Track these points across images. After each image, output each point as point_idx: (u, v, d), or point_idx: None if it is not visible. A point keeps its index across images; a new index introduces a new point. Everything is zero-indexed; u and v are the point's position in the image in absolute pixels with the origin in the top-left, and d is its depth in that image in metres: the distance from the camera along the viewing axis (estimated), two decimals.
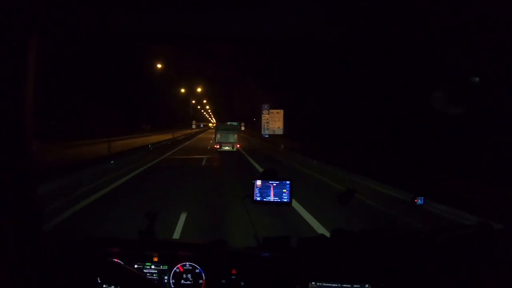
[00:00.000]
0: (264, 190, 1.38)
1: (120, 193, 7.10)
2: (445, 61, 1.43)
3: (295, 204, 5.44)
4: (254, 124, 37.30)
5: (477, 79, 1.50)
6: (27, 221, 1.14)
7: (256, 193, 1.38)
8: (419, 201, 1.63)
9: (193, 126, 36.55)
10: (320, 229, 4.62)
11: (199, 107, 66.69)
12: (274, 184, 1.38)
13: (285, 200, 1.37)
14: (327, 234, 1.53)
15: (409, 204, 1.67)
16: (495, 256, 1.38)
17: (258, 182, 1.38)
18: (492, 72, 1.38)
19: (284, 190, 1.37)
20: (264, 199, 1.38)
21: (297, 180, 1.49)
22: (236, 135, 20.49)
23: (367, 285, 1.22)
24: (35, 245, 1.16)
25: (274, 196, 1.37)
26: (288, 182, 1.38)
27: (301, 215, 5.25)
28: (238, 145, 20.46)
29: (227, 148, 19.96)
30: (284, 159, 15.05)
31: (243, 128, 34.79)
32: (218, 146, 20.05)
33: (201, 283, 1.30)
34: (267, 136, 20.62)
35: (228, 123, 24.18)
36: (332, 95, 15.11)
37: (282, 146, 19.77)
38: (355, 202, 1.56)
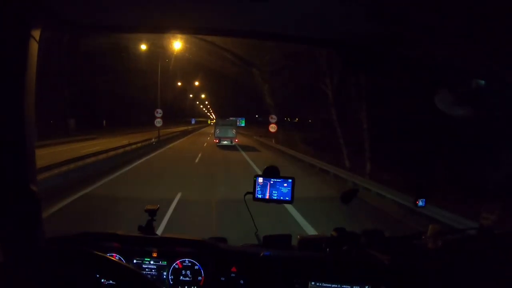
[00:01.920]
0: (266, 187, 1.36)
1: None
2: (451, 61, 1.42)
3: None
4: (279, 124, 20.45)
5: (483, 81, 1.48)
6: (27, 213, 1.14)
7: (258, 190, 1.36)
8: (420, 202, 1.62)
9: (158, 123, 17.85)
10: None
11: (191, 95, 54.53)
12: (277, 182, 1.36)
13: (287, 198, 1.35)
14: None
15: (411, 204, 1.65)
16: (496, 258, 1.37)
17: (260, 180, 1.37)
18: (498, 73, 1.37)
19: (286, 188, 1.36)
20: (266, 197, 1.36)
21: None
22: (234, 130, 21.08)
23: (367, 287, 1.21)
24: (34, 238, 1.15)
25: (276, 193, 1.36)
26: (290, 179, 1.36)
27: None
28: (236, 140, 21.11)
29: (225, 142, 20.57)
30: None
31: (273, 129, 18.24)
32: (217, 141, 20.77)
33: (200, 280, 1.29)
34: None
35: (232, 118, 24.56)
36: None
37: None
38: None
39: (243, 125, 38.08)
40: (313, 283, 1.22)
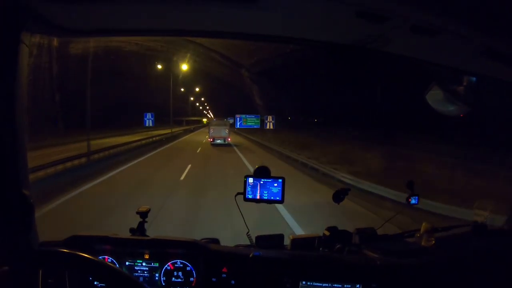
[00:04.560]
0: (256, 188, 1.36)
1: None
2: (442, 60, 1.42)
3: None
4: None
5: (474, 78, 1.48)
6: (20, 217, 1.14)
7: (248, 190, 1.36)
8: (413, 200, 1.62)
9: None
10: None
11: (183, 89, 43.44)
12: (267, 182, 1.36)
13: (278, 198, 1.35)
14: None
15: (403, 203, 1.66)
16: (489, 255, 1.38)
17: (251, 180, 1.36)
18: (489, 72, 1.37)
19: (277, 188, 1.36)
20: (257, 197, 1.36)
21: None
22: (227, 130, 22.22)
23: (358, 285, 1.22)
24: (27, 241, 1.16)
25: (267, 193, 1.36)
26: (280, 179, 1.36)
27: None
28: (229, 139, 22.29)
29: (219, 141, 21.75)
30: None
31: None
32: (211, 140, 21.86)
33: (192, 281, 1.30)
34: None
35: (226, 119, 25.47)
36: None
37: None
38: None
39: (257, 126, 25.47)
40: (303, 282, 1.22)
